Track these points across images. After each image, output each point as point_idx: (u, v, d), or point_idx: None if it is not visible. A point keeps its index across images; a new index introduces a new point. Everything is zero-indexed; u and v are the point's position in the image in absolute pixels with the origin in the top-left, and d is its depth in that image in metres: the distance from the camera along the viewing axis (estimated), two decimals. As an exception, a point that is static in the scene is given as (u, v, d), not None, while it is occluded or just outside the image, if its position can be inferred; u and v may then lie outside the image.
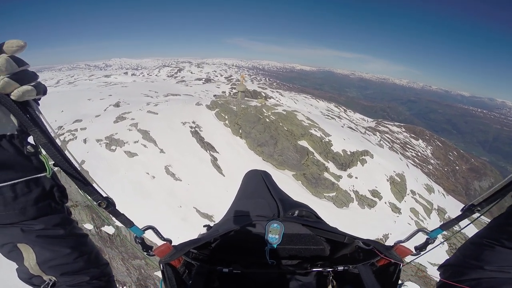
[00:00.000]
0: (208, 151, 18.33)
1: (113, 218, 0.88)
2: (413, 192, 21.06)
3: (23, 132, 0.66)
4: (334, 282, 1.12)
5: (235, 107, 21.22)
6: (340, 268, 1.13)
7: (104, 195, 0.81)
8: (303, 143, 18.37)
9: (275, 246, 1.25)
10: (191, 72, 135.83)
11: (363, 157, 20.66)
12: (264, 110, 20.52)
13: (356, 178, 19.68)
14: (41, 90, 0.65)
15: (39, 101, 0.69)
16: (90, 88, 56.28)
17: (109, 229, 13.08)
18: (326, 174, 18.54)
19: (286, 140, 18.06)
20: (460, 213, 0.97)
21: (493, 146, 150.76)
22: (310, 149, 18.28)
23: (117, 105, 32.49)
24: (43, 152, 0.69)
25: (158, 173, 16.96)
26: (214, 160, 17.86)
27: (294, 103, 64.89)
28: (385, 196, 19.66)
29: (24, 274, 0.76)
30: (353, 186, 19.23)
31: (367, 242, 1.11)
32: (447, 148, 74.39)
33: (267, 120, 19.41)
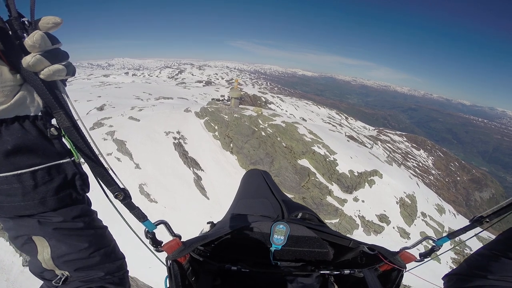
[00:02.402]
0: (191, 168, 15.58)
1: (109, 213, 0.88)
2: (423, 215, 18.78)
3: (47, 113, 0.61)
4: (335, 286, 1.15)
5: (226, 116, 18.41)
6: (346, 271, 1.13)
7: (121, 186, 0.74)
8: (304, 162, 15.61)
9: (279, 247, 1.24)
10: (192, 74, 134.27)
11: (372, 177, 18.06)
12: (260, 121, 17.64)
13: (363, 201, 17.22)
14: (71, 70, 0.60)
15: (66, 82, 0.64)
16: (83, 88, 54.41)
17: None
18: (329, 199, 15.89)
19: (284, 158, 15.30)
20: (469, 223, 1.00)
21: (493, 156, 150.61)
22: (312, 169, 15.53)
23: (101, 108, 29.98)
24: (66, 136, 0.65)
25: (130, 192, 14.22)
26: (198, 180, 15.10)
27: (295, 109, 62.95)
28: (394, 220, 17.28)
29: (36, 268, 0.71)
30: (359, 211, 16.83)
31: (372, 247, 1.12)
32: (448, 158, 74.10)
33: (263, 133, 16.56)
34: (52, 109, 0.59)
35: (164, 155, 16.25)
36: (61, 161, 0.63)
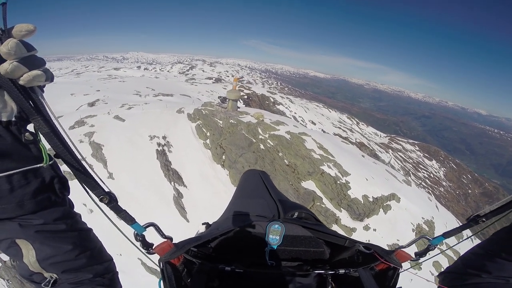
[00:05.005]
0: (172, 182, 13.05)
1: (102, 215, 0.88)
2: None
3: (21, 118, 0.62)
4: (333, 285, 1.14)
5: (221, 122, 15.73)
6: (342, 271, 1.13)
7: (106, 189, 0.75)
8: (309, 184, 12.82)
9: (275, 247, 1.24)
10: (203, 71, 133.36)
11: (388, 202, 15.29)
12: (259, 130, 14.82)
13: (375, 230, 14.56)
14: (49, 76, 0.62)
15: (44, 88, 0.65)
16: (88, 81, 53.17)
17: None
18: (335, 228, 13.16)
19: (284, 179, 12.56)
20: (465, 222, 1.00)
21: (506, 169, 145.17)
22: (318, 193, 12.77)
23: (92, 104, 27.90)
24: (43, 140, 0.66)
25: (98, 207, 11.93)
26: (178, 197, 12.58)
27: (305, 112, 60.55)
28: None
29: (24, 271, 0.73)
30: (369, 241, 14.12)
31: (368, 246, 1.12)
32: (461, 170, 72.36)
33: (262, 146, 13.74)
34: (29, 116, 0.59)
35: (143, 165, 13.80)
36: (38, 165, 0.63)
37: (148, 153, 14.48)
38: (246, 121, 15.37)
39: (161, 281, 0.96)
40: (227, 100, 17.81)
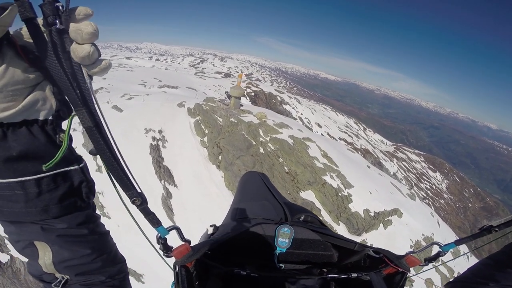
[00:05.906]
0: (162, 181, 12.29)
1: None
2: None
3: (58, 117, 0.58)
4: None
5: (221, 119, 14.89)
6: (354, 275, 1.12)
7: (139, 190, 0.69)
8: (309, 194, 11.95)
9: (284, 250, 1.24)
10: (213, 65, 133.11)
11: (390, 217, 14.44)
12: (260, 131, 13.89)
13: (372, 245, 13.72)
14: None
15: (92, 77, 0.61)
16: (96, 69, 52.69)
17: (1, 256, 10.53)
18: (332, 241, 12.32)
19: (282, 187, 11.71)
20: (478, 231, 1.00)
21: (509, 185, 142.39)
22: (317, 204, 11.90)
23: (95, 92, 27.30)
24: (66, 138, 0.61)
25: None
26: (167, 197, 11.84)
27: (312, 114, 59.54)
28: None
29: (35, 271, 0.70)
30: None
31: (378, 250, 1.12)
32: (464, 184, 71.34)
33: (261, 150, 12.84)
34: (74, 107, 0.53)
35: (134, 159, 13.05)
36: (68, 168, 0.61)
37: (142, 147, 13.77)
38: (247, 120, 14.46)
39: (174, 284, 0.95)
40: (230, 97, 16.99)
